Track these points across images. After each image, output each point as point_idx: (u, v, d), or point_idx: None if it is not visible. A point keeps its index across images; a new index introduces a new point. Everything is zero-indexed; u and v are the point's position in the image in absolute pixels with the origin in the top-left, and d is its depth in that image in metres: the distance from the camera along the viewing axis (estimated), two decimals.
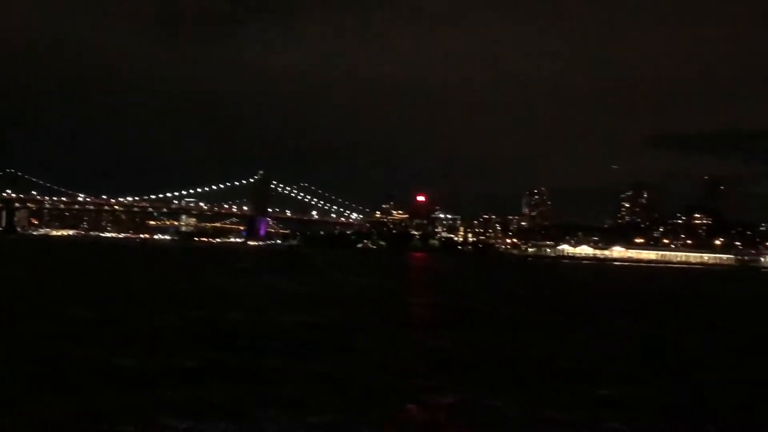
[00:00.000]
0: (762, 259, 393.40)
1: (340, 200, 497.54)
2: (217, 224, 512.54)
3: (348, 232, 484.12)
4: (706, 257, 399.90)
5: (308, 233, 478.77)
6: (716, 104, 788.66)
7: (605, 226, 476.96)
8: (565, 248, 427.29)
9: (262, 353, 30.20)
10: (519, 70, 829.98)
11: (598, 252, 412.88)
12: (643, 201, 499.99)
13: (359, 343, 34.98)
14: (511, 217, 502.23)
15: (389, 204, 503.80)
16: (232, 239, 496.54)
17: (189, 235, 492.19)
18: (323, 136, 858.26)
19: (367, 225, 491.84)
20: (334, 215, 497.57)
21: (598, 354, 34.74)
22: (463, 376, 27.06)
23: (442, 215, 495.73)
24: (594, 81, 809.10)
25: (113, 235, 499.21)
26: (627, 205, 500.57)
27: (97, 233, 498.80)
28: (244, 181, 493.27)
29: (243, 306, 51.95)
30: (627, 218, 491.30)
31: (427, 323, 48.62)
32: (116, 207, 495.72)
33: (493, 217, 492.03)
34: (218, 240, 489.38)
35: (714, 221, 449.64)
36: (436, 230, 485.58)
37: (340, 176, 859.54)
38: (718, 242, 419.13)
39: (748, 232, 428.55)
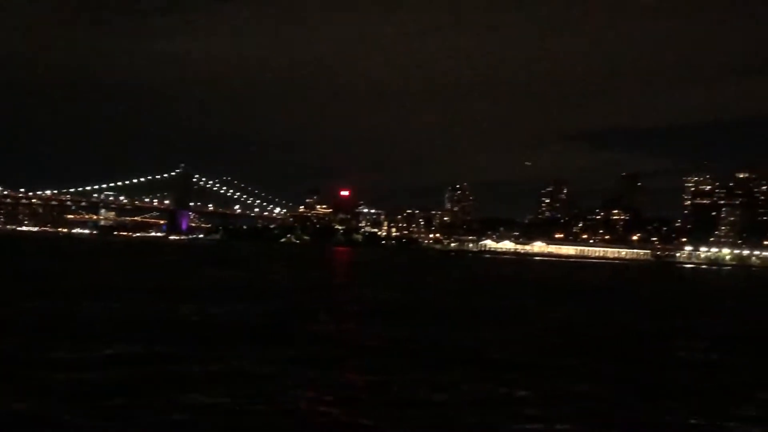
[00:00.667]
0: (677, 255, 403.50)
1: (263, 194, 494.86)
2: (138, 218, 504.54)
3: (271, 227, 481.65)
4: (624, 252, 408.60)
5: (230, 227, 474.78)
6: (636, 101, 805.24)
7: (526, 221, 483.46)
8: (488, 243, 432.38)
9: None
10: (440, 66, 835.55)
11: (519, 247, 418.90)
12: (563, 197, 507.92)
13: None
14: (434, 212, 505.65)
15: (313, 198, 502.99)
16: (153, 233, 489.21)
17: (108, 229, 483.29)
18: (246, 130, 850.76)
19: (291, 219, 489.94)
20: (257, 209, 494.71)
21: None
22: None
23: (365, 210, 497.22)
24: (515, 77, 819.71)
25: (30, 228, 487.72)
26: (547, 201, 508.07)
27: (13, 227, 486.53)
28: (165, 175, 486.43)
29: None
30: (547, 214, 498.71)
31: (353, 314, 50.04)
32: (34, 201, 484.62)
33: (417, 211, 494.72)
34: (138, 234, 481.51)
35: (631, 217, 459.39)
36: (360, 225, 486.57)
37: (263, 170, 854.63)
38: (635, 237, 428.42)
39: (664, 228, 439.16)
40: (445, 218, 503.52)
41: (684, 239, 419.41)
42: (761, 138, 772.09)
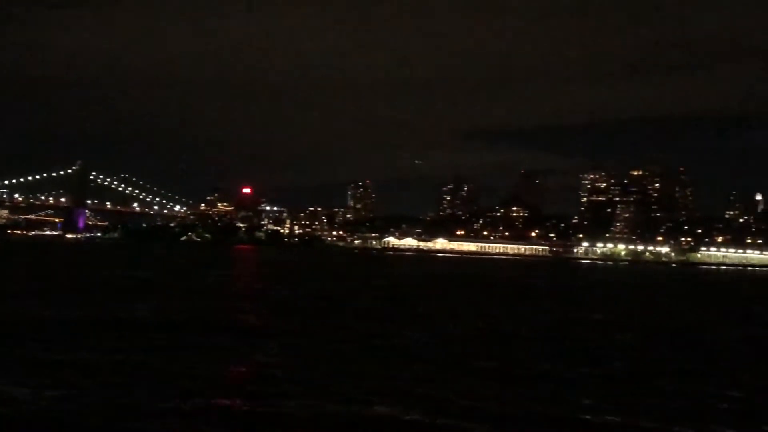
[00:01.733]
0: (574, 250, 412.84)
1: (162, 192, 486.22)
2: (32, 216, 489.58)
3: (171, 225, 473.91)
4: (523, 248, 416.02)
5: (129, 226, 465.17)
6: (535, 99, 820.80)
7: (428, 218, 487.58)
8: (391, 240, 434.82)
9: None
10: (343, 63, 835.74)
11: (422, 244, 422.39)
12: (464, 194, 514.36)
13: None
14: (336, 210, 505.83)
15: (214, 196, 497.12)
16: (48, 232, 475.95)
17: (1, 228, 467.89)
18: (146, 127, 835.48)
19: (191, 217, 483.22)
20: (156, 207, 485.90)
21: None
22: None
23: (268, 207, 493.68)
24: (417, 75, 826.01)
25: None
26: (448, 199, 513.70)
27: None
28: (61, 172, 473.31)
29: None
30: (448, 211, 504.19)
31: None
32: None
33: (319, 209, 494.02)
34: (34, 233, 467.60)
35: (530, 214, 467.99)
36: (262, 223, 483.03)
37: (163, 168, 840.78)
38: (533, 234, 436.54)
39: (562, 225, 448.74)
40: (348, 216, 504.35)
41: (581, 235, 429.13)
42: (655, 136, 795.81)
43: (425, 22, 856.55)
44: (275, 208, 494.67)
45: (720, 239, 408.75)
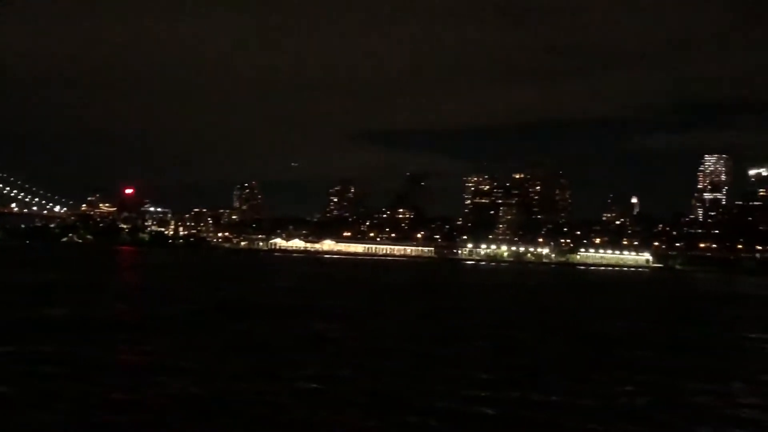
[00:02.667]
0: (459, 252, 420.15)
1: (41, 192, 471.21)
2: None
3: (51, 225, 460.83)
4: (409, 249, 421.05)
5: (7, 226, 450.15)
6: (422, 102, 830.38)
7: (315, 219, 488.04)
8: (278, 241, 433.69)
9: None
10: (230, 63, 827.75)
11: (309, 245, 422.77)
12: (351, 196, 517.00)
13: None
14: (222, 211, 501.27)
15: (96, 196, 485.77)
16: None
17: None
18: (27, 127, 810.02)
19: (72, 218, 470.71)
20: (35, 207, 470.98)
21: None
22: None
23: (151, 208, 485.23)
24: (307, 75, 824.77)
25: None
26: (335, 200, 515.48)
27: None
28: None
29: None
30: (335, 212, 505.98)
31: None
32: None
33: (204, 210, 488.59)
34: None
35: (416, 215, 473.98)
36: (146, 223, 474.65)
37: (44, 168, 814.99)
38: (419, 235, 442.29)
39: (447, 226, 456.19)
40: (234, 217, 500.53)
41: (465, 237, 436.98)
42: (537, 140, 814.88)
43: (321, 24, 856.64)
44: (159, 209, 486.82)
45: (598, 241, 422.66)
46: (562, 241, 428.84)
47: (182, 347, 38.04)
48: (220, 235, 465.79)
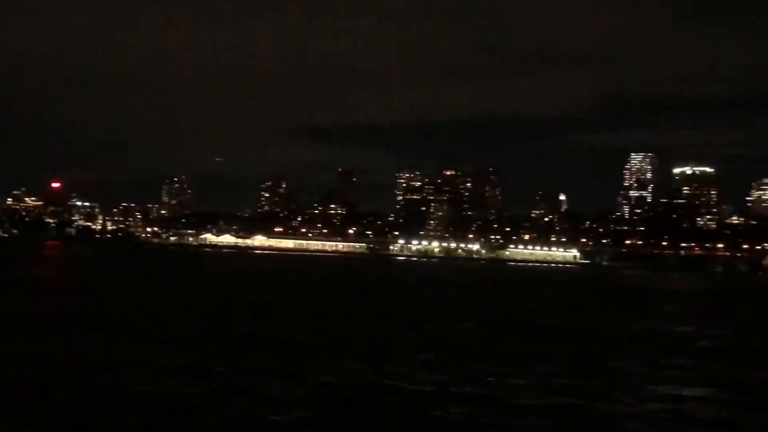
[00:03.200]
0: (391, 247, 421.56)
1: None
2: None
3: None
4: (341, 245, 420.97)
5: None
6: (355, 99, 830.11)
7: (246, 215, 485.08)
8: (208, 237, 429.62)
9: None
10: (164, 55, 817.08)
11: (240, 241, 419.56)
12: (282, 191, 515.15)
13: None
14: (150, 206, 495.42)
15: (21, 190, 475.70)
16: None
17: None
18: None
19: None
20: None
21: None
22: None
23: (78, 203, 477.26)
24: (239, 69, 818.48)
25: None
26: (267, 195, 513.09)
27: None
28: None
29: None
30: (267, 207, 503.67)
31: None
32: None
33: (132, 205, 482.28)
34: None
35: (347, 211, 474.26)
36: (73, 218, 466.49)
37: None
38: (351, 231, 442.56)
39: (378, 222, 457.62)
40: (163, 212, 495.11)
41: (396, 233, 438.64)
42: (468, 138, 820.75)
43: (255, 18, 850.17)
44: (86, 203, 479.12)
45: (527, 237, 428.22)
46: (492, 237, 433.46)
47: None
48: (148, 230, 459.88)
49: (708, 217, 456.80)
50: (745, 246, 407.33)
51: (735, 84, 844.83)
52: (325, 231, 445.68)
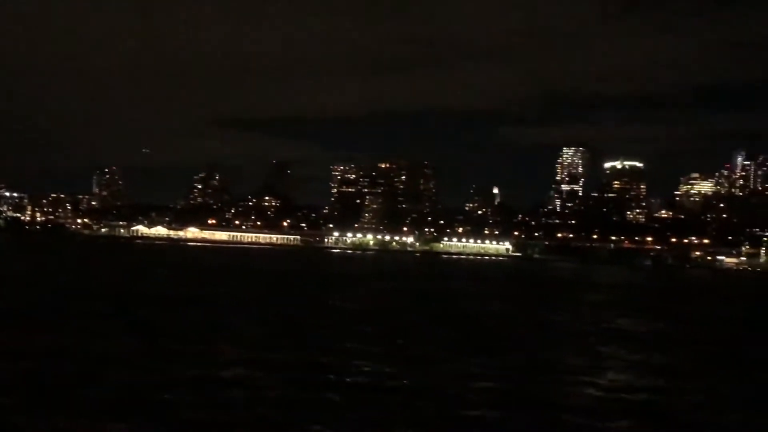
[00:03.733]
0: (326, 240, 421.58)
1: None
2: None
3: None
4: (275, 238, 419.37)
5: None
6: (289, 90, 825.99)
7: (178, 206, 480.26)
8: (140, 228, 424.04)
9: None
10: (96, 45, 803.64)
11: (172, 232, 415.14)
12: (216, 183, 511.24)
13: None
14: (81, 197, 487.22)
15: None
16: None
17: None
18: None
19: None
20: None
21: None
22: None
23: (6, 193, 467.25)
24: (171, 59, 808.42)
25: None
26: (200, 187, 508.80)
27: None
28: None
29: None
30: (200, 199, 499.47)
31: None
32: None
33: (63, 195, 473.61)
34: None
35: (282, 203, 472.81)
36: (1, 209, 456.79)
37: None
38: (285, 223, 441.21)
39: (313, 215, 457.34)
40: (94, 203, 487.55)
41: (331, 225, 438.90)
42: (402, 131, 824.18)
43: (184, 10, 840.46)
44: (15, 194, 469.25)
45: (460, 230, 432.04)
46: (426, 230, 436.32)
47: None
48: (79, 221, 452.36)
49: (637, 210, 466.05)
50: (673, 239, 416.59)
51: (664, 80, 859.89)
52: (259, 223, 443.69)
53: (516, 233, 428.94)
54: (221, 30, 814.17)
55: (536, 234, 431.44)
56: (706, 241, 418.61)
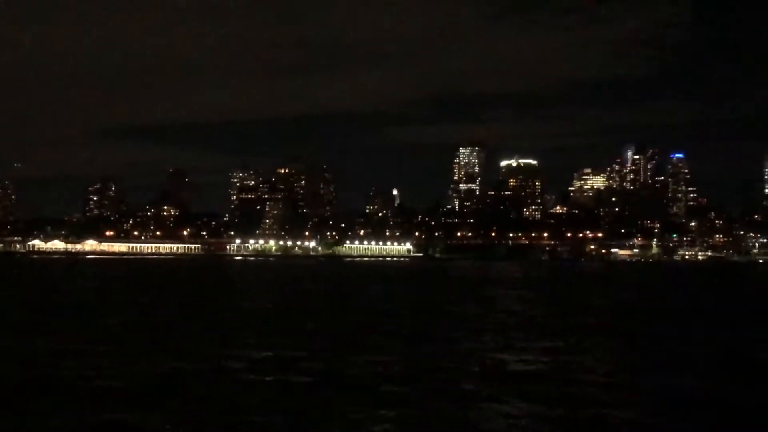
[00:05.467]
0: (227, 248, 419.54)
1: None
2: None
3: None
4: (176, 247, 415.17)
5: None
6: (182, 96, 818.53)
7: (75, 219, 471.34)
8: (36, 243, 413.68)
9: None
10: None
11: (70, 246, 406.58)
12: (112, 194, 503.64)
13: None
14: None
15: None
16: None
17: None
18: None
19: None
20: None
21: None
22: None
23: None
24: (61, 67, 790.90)
25: None
26: (96, 199, 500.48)
27: None
28: None
29: None
30: (96, 211, 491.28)
31: None
32: None
33: None
34: None
35: (181, 212, 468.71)
36: None
37: None
38: (185, 233, 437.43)
39: (213, 223, 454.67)
40: None
41: (232, 233, 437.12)
42: (300, 135, 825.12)
43: (74, 18, 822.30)
44: None
45: (362, 233, 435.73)
46: (328, 234, 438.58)
47: None
48: None
49: (533, 207, 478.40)
50: (568, 234, 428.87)
51: (556, 78, 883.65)
52: (158, 233, 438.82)
53: (417, 234, 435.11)
54: (113, 37, 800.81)
55: (436, 234, 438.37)
56: (600, 234, 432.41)
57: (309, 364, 32.60)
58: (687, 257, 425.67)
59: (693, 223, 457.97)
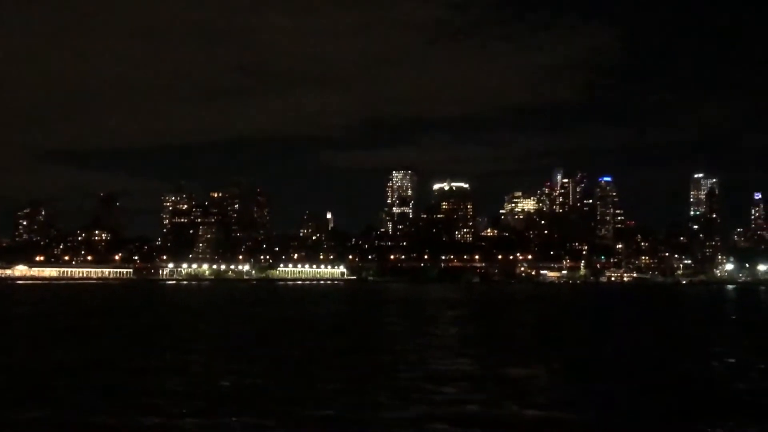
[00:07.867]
0: (160, 272, 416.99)
1: None
2: None
3: None
4: (107, 272, 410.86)
5: None
6: (111, 121, 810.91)
7: (3, 244, 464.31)
8: None
9: None
10: None
11: (0, 272, 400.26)
12: (41, 218, 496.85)
13: None
14: None
15: None
16: None
17: None
18: None
19: None
20: None
21: None
22: None
23: None
24: None
25: None
26: (25, 223, 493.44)
27: None
28: None
29: None
30: (26, 236, 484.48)
31: None
32: None
33: None
34: None
35: (112, 237, 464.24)
36: None
37: None
38: (117, 257, 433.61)
39: (145, 247, 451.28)
40: None
41: (165, 257, 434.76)
42: (232, 159, 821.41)
43: (4, 42, 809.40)
44: None
45: (296, 256, 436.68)
46: (262, 257, 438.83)
47: None
48: None
49: (465, 230, 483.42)
50: (499, 256, 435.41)
51: (488, 103, 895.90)
52: (89, 258, 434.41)
53: (350, 257, 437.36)
54: (45, 61, 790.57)
55: (369, 257, 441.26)
56: (529, 256, 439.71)
57: None
58: (613, 278, 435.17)
59: (620, 246, 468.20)
